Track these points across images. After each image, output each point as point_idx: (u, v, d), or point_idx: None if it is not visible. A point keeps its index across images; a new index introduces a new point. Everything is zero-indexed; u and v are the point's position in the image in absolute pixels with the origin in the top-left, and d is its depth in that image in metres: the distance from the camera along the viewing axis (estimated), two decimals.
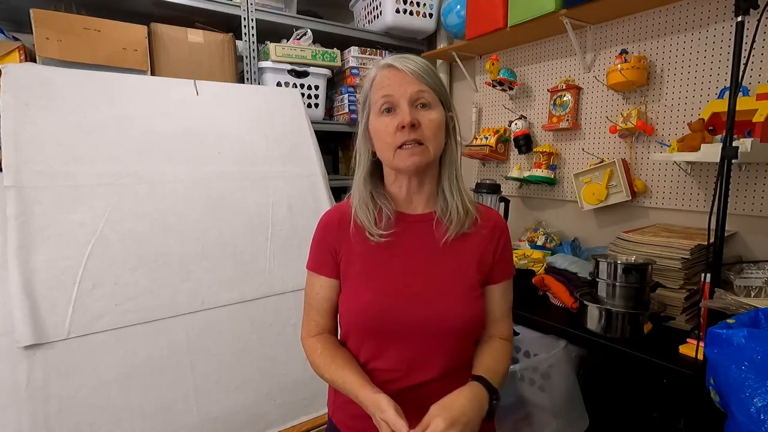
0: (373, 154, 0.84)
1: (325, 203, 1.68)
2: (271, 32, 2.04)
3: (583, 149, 1.78)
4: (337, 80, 2.31)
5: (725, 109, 1.03)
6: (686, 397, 1.09)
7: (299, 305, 0.89)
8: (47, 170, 1.26)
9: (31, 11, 1.50)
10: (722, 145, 1.01)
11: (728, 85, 1.15)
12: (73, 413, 1.12)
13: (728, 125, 1.01)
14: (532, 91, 1.97)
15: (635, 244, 1.36)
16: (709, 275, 1.09)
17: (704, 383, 0.92)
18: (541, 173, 1.85)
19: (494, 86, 1.98)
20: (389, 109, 0.78)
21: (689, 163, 1.46)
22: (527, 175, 1.89)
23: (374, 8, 2.20)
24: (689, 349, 1.11)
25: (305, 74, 2.03)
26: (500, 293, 0.87)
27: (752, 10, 0.99)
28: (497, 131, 2.04)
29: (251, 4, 1.91)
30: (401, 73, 0.77)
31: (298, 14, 2.10)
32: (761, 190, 1.33)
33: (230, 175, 1.55)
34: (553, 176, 1.85)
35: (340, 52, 2.14)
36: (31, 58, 1.65)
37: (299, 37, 2.06)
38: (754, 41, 1.00)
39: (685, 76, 1.47)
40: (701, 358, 0.98)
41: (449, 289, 0.80)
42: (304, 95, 2.02)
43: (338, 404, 0.88)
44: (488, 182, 1.92)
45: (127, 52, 1.66)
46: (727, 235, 1.13)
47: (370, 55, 2.23)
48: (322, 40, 2.16)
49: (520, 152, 1.98)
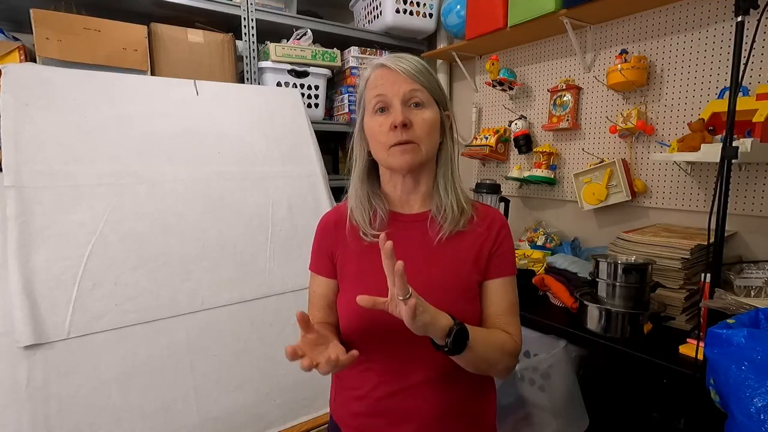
0: (368, 153, 0.84)
1: (325, 203, 1.68)
2: (271, 32, 2.04)
3: (583, 149, 1.78)
4: (337, 80, 2.31)
5: (725, 109, 1.03)
6: (686, 397, 1.09)
7: (299, 305, 0.90)
8: (47, 170, 1.26)
9: (31, 11, 1.50)
10: (722, 145, 1.01)
11: (728, 85, 1.15)
12: (73, 413, 1.12)
13: (728, 125, 1.01)
14: (532, 91, 1.97)
15: (635, 244, 1.36)
16: (709, 275, 1.08)
17: (704, 383, 0.92)
18: (541, 173, 1.85)
19: (494, 86, 1.98)
20: (383, 108, 0.78)
21: (689, 163, 1.46)
22: (527, 175, 1.89)
23: (374, 8, 2.20)
24: (689, 349, 1.11)
25: (305, 74, 2.03)
26: (499, 289, 0.83)
27: (752, 10, 0.99)
28: (497, 131, 2.04)
29: (251, 4, 1.91)
30: (394, 72, 0.77)
31: (298, 14, 2.10)
32: (761, 190, 1.33)
33: (230, 175, 1.55)
34: (553, 176, 1.85)
35: (340, 52, 2.14)
36: (31, 58, 1.65)
37: (299, 37, 2.06)
38: (754, 41, 1.00)
39: (685, 76, 1.47)
40: (701, 358, 0.98)
41: (443, 288, 0.79)
42: (304, 95, 2.02)
43: (338, 402, 0.88)
44: (488, 182, 1.92)
45: (127, 52, 1.66)
46: (727, 235, 1.13)
47: (370, 55, 2.23)
48: (322, 40, 2.16)
49: (520, 152, 1.98)
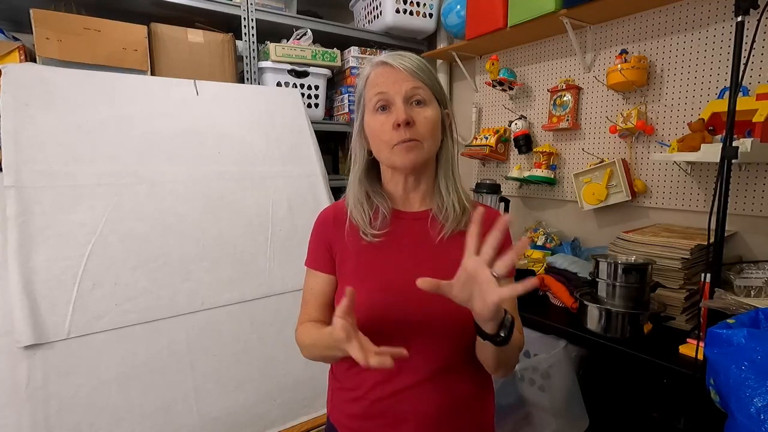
0: (368, 152, 0.83)
1: (325, 203, 1.68)
2: (271, 32, 2.04)
3: (583, 149, 1.78)
4: (337, 80, 2.31)
5: (725, 109, 1.03)
6: (686, 397, 1.09)
7: (299, 305, 0.89)
8: (47, 170, 1.26)
9: (31, 11, 1.50)
10: (722, 145, 1.01)
11: (728, 85, 1.15)
12: (73, 413, 1.12)
13: (728, 125, 1.01)
14: (532, 91, 1.97)
15: (635, 244, 1.36)
16: (709, 275, 1.09)
17: (704, 383, 0.92)
18: (541, 173, 1.85)
19: (494, 86, 1.97)
20: (384, 106, 0.77)
21: (689, 163, 1.46)
22: (527, 175, 1.89)
23: (374, 8, 2.20)
24: (689, 349, 1.11)
25: (305, 74, 2.03)
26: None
27: (752, 10, 0.99)
28: (497, 131, 2.04)
29: (251, 4, 1.91)
30: (395, 70, 0.76)
31: (298, 14, 2.10)
32: (761, 190, 1.33)
33: (230, 175, 1.55)
34: (553, 176, 1.85)
35: (340, 52, 2.14)
36: (31, 58, 1.65)
37: (299, 37, 2.06)
38: (754, 41, 1.00)
39: (685, 76, 1.47)
40: (701, 358, 0.98)
41: None
42: (304, 95, 2.02)
43: (335, 403, 0.87)
44: (488, 182, 1.92)
45: (127, 52, 1.66)
46: (727, 235, 1.13)
47: (370, 55, 2.23)
48: (322, 40, 2.16)
49: (520, 152, 1.98)
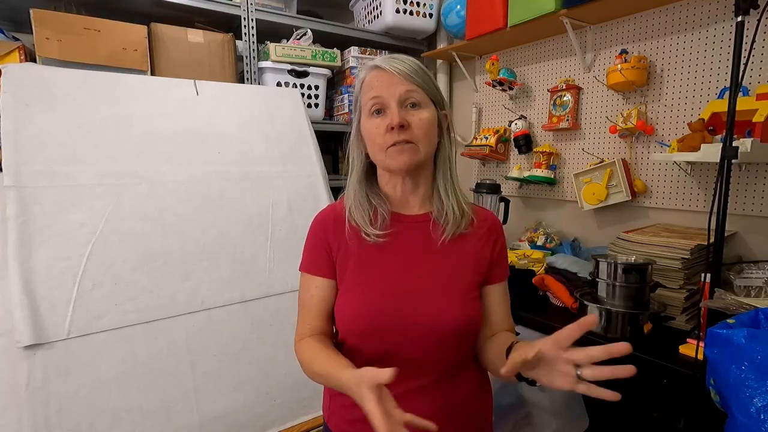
0: (366, 155, 0.83)
1: (325, 203, 1.68)
2: (271, 32, 2.04)
3: (583, 149, 1.78)
4: (337, 80, 2.31)
5: (725, 109, 1.03)
6: (686, 397, 1.09)
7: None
8: (47, 170, 1.26)
9: (31, 11, 1.50)
10: (722, 145, 1.01)
11: (728, 85, 1.15)
12: (73, 413, 1.12)
13: (728, 125, 1.01)
14: (532, 91, 1.97)
15: (635, 244, 1.36)
16: (709, 275, 1.08)
17: (704, 383, 0.92)
18: (541, 173, 1.85)
19: (494, 86, 1.97)
20: (379, 110, 0.77)
21: (689, 163, 1.46)
22: (527, 175, 1.89)
23: (374, 8, 2.20)
24: (689, 349, 1.11)
25: (305, 74, 2.03)
26: (501, 293, 0.86)
27: (752, 10, 0.99)
28: (497, 131, 2.04)
29: (251, 4, 1.91)
30: (389, 74, 0.77)
31: (298, 14, 2.10)
32: (761, 190, 1.33)
33: (230, 175, 1.55)
34: (553, 176, 1.85)
35: (340, 52, 2.14)
36: (31, 58, 1.65)
37: (299, 37, 2.06)
38: (754, 41, 1.00)
39: (685, 76, 1.47)
40: (701, 358, 0.98)
41: (446, 290, 0.79)
42: (304, 95, 2.02)
43: (334, 409, 0.86)
44: (488, 182, 1.92)
45: (127, 52, 1.66)
46: (727, 235, 1.13)
47: (370, 55, 2.23)
48: (322, 40, 2.16)
49: (520, 152, 1.98)
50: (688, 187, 1.49)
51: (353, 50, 2.18)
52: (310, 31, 2.05)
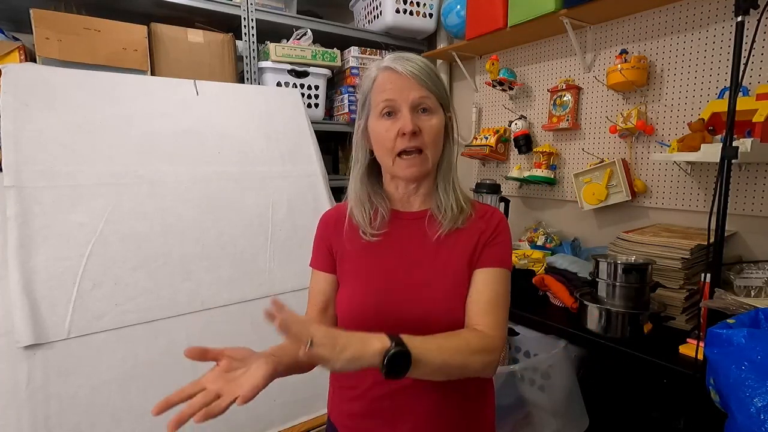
0: (370, 152, 0.84)
1: (325, 203, 1.68)
2: (271, 32, 2.04)
3: (583, 149, 1.78)
4: (337, 80, 2.31)
5: (725, 109, 1.03)
6: (686, 397, 1.09)
7: (299, 305, 0.89)
8: (47, 170, 1.26)
9: (31, 11, 1.50)
10: (722, 145, 1.01)
11: (728, 85, 1.15)
12: (73, 413, 1.12)
13: (728, 125, 1.01)
14: (532, 91, 1.97)
15: (635, 244, 1.36)
16: (709, 275, 1.08)
17: (704, 383, 0.92)
18: (541, 173, 1.85)
19: (494, 86, 1.98)
20: (390, 112, 0.77)
21: (689, 163, 1.46)
22: (527, 175, 1.89)
23: (374, 8, 2.20)
24: (689, 349, 1.11)
25: (305, 74, 2.03)
26: (484, 278, 0.79)
27: (752, 10, 0.99)
28: (497, 131, 2.04)
29: (251, 4, 1.91)
30: (403, 77, 0.76)
31: (298, 14, 2.10)
32: (761, 190, 1.33)
33: (230, 175, 1.55)
34: (553, 176, 1.85)
35: (340, 52, 2.14)
36: (31, 58, 1.65)
37: (299, 37, 2.06)
38: (754, 41, 1.00)
39: (685, 76, 1.47)
40: (701, 358, 0.98)
41: (437, 285, 0.79)
42: (304, 95, 2.02)
43: (335, 402, 0.88)
44: (488, 182, 1.92)
45: (127, 52, 1.66)
46: (727, 235, 1.13)
47: (370, 55, 2.23)
48: (322, 40, 2.16)
49: (520, 152, 1.98)
50: (688, 187, 1.49)
51: (353, 50, 2.18)
52: (310, 31, 2.06)
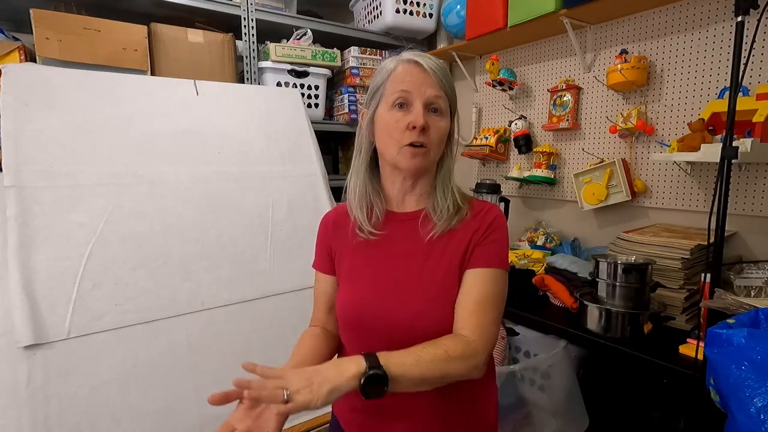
0: (371, 143, 0.83)
1: (325, 203, 1.68)
2: (271, 32, 2.04)
3: (583, 149, 1.78)
4: (337, 80, 2.31)
5: (725, 109, 1.03)
6: (686, 397, 1.09)
7: (299, 305, 0.90)
8: (47, 170, 1.26)
9: (31, 11, 1.50)
10: (722, 145, 1.01)
11: (728, 85, 1.15)
12: (73, 413, 1.12)
13: (728, 125, 1.01)
14: (532, 91, 1.97)
15: (635, 244, 1.36)
16: (709, 275, 1.08)
17: (704, 383, 0.92)
18: (541, 173, 1.85)
19: (494, 86, 1.98)
20: (402, 104, 0.77)
21: (689, 163, 1.46)
22: (527, 175, 1.89)
23: (374, 8, 2.20)
24: (689, 349, 1.11)
25: (305, 74, 2.04)
26: (473, 279, 0.76)
27: (752, 10, 0.99)
28: (497, 131, 2.04)
29: (251, 4, 1.91)
30: (425, 72, 0.76)
31: (298, 14, 2.10)
32: (761, 190, 1.33)
33: (230, 175, 1.55)
34: (553, 176, 1.85)
35: (340, 52, 2.14)
36: (31, 58, 1.65)
37: (299, 37, 2.06)
38: (754, 41, 1.00)
39: (685, 76, 1.47)
40: (701, 358, 0.98)
41: (427, 287, 0.77)
42: (304, 95, 2.02)
43: None
44: (488, 182, 1.92)
45: (127, 52, 1.66)
46: (727, 235, 1.13)
47: (370, 55, 2.23)
48: (322, 40, 2.16)
49: (520, 152, 1.98)
50: (688, 187, 1.49)
51: (353, 50, 2.18)
52: (310, 31, 2.06)
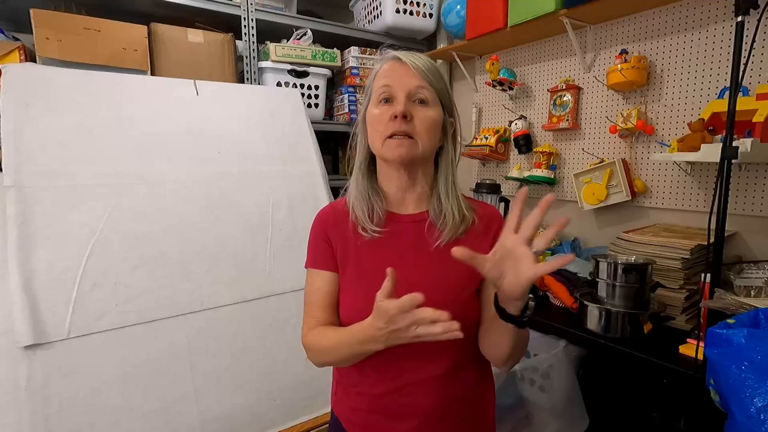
0: (368, 144, 0.83)
1: (324, 203, 1.68)
2: (271, 32, 2.04)
3: (583, 149, 1.78)
4: (337, 80, 2.31)
5: (725, 109, 1.03)
6: (686, 397, 1.09)
7: (299, 305, 0.89)
8: (47, 170, 1.26)
9: (31, 11, 1.50)
10: (722, 145, 1.01)
11: (728, 85, 1.15)
12: (73, 413, 1.12)
13: (728, 125, 1.01)
14: (532, 91, 1.97)
15: (635, 244, 1.36)
16: (709, 275, 1.09)
17: (704, 383, 0.92)
18: (541, 173, 1.85)
19: (494, 86, 1.98)
20: (387, 99, 0.78)
21: (689, 163, 1.46)
22: (527, 175, 1.89)
23: (374, 8, 2.20)
24: (689, 349, 1.11)
25: (305, 74, 2.04)
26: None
27: (752, 10, 0.99)
28: (497, 131, 2.04)
29: (251, 4, 1.91)
30: (405, 66, 0.78)
31: (298, 14, 2.10)
32: (761, 190, 1.33)
33: (230, 175, 1.55)
34: (553, 176, 1.85)
35: (340, 52, 2.14)
36: (31, 58, 1.65)
37: (299, 37, 2.06)
38: (754, 41, 1.00)
39: (685, 76, 1.47)
40: (701, 358, 0.98)
41: (441, 289, 0.78)
42: (304, 95, 2.02)
43: (339, 397, 0.88)
44: (488, 182, 1.92)
45: (127, 52, 1.66)
46: (727, 235, 1.13)
47: (370, 55, 2.23)
48: (322, 40, 2.16)
49: (520, 152, 1.98)
50: (688, 187, 1.49)
51: (353, 50, 2.18)
52: (310, 31, 2.06)
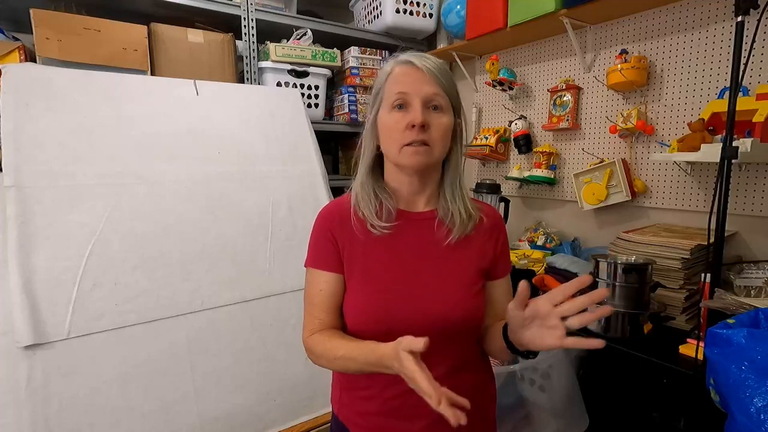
0: (377, 147, 0.83)
1: (324, 203, 1.67)
2: (271, 32, 2.04)
3: (583, 149, 1.78)
4: (337, 80, 2.31)
5: (725, 109, 1.03)
6: (686, 397, 1.09)
7: (299, 305, 0.88)
8: (47, 170, 1.26)
9: (31, 11, 1.50)
10: (722, 145, 1.01)
11: (728, 85, 1.15)
12: (73, 413, 1.12)
13: (728, 125, 1.01)
14: (532, 91, 1.97)
15: (635, 244, 1.36)
16: (709, 275, 1.09)
17: (704, 383, 0.92)
18: (541, 173, 1.85)
19: (494, 86, 1.98)
20: (401, 105, 0.77)
21: (689, 163, 1.46)
22: (527, 175, 1.89)
23: (374, 8, 2.20)
24: (689, 349, 1.11)
25: (305, 74, 2.04)
26: (506, 287, 0.88)
27: (752, 10, 0.99)
28: (497, 131, 2.04)
29: (251, 4, 1.91)
30: (420, 71, 0.77)
31: (298, 14, 2.10)
32: (761, 190, 1.33)
33: (230, 175, 1.55)
34: (553, 176, 1.85)
35: (340, 52, 2.14)
36: (31, 58, 1.65)
37: (299, 37, 2.06)
38: (754, 41, 1.00)
39: (685, 76, 1.47)
40: (701, 358, 0.98)
41: (449, 286, 0.80)
42: (304, 95, 2.02)
43: (344, 401, 0.87)
44: (488, 182, 1.92)
45: (127, 52, 1.66)
46: (727, 235, 1.13)
47: (370, 55, 2.23)
48: (322, 40, 2.16)
49: (520, 152, 1.98)
50: (688, 187, 1.49)
51: (353, 50, 2.18)
52: (310, 31, 2.06)
